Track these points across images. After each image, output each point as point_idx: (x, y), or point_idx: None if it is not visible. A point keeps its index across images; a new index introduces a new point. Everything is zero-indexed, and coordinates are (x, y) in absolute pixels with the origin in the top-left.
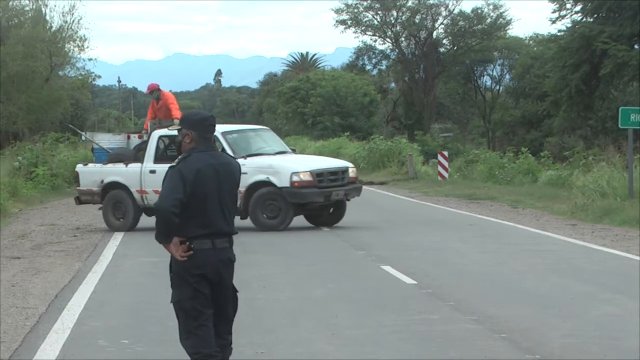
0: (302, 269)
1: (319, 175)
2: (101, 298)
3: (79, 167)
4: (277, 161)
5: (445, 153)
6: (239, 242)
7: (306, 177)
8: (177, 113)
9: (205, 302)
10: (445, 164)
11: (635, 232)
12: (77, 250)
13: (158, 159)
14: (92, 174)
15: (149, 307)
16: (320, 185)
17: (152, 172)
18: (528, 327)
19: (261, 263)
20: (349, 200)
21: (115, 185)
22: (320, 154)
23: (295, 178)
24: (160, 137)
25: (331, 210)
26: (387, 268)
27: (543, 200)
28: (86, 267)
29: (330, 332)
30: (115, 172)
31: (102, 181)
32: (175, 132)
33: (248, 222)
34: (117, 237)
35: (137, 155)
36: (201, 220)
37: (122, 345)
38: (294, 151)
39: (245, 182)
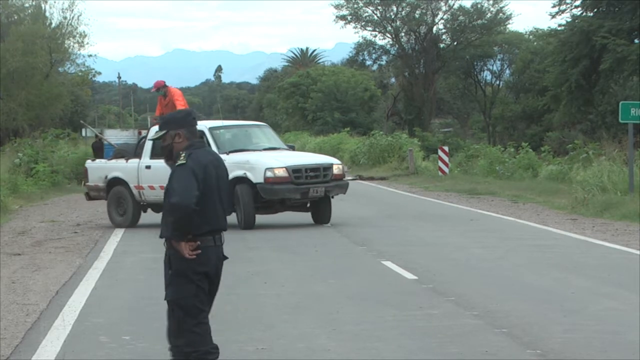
0: (303, 264)
1: (295, 171)
2: (102, 294)
3: (88, 163)
4: (255, 157)
5: (446, 148)
6: (240, 238)
7: (280, 173)
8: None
9: (205, 299)
10: (446, 159)
11: (635, 227)
12: (78, 246)
13: (154, 155)
14: (98, 169)
15: (150, 303)
16: (296, 181)
17: (148, 167)
18: (529, 322)
19: (262, 259)
20: (332, 197)
21: (117, 181)
22: (321, 149)
23: (268, 174)
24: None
25: (308, 205)
26: (388, 263)
27: (543, 195)
28: (87, 263)
29: (331, 328)
30: (117, 167)
31: (106, 177)
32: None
33: None
34: (118, 234)
35: (137, 150)
36: (206, 217)
37: (123, 342)
38: (292, 148)
39: None
